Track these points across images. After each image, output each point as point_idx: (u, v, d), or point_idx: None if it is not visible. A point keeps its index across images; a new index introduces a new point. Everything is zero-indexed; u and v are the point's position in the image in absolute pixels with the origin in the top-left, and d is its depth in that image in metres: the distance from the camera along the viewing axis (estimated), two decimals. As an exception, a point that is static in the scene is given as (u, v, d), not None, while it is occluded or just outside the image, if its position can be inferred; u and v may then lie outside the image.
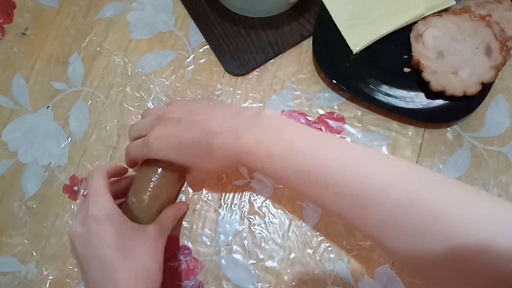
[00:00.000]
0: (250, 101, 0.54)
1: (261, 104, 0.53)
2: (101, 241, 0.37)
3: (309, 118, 0.53)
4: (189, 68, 0.55)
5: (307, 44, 0.55)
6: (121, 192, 0.46)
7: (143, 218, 0.45)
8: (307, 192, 0.35)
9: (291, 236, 0.49)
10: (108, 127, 0.54)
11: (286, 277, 0.48)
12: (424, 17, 0.51)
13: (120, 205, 0.42)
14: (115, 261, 0.36)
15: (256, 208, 0.50)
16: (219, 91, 0.54)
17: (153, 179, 0.45)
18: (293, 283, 0.48)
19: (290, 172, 0.34)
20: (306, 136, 0.35)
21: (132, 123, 0.47)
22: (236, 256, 0.49)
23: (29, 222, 0.51)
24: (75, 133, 0.54)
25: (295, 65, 0.54)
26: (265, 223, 0.50)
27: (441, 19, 0.50)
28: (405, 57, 0.52)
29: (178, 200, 0.50)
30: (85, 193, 0.41)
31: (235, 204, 0.50)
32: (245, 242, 0.49)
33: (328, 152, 0.34)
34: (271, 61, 0.55)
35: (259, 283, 0.48)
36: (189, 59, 0.55)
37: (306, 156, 0.33)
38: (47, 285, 0.49)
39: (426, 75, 0.49)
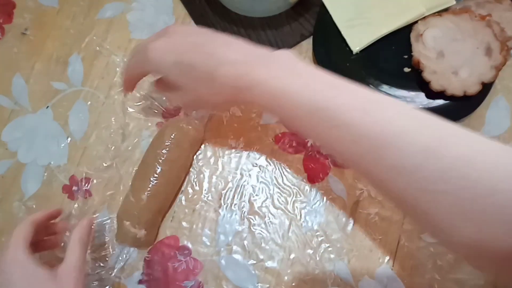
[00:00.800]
0: (250, 101, 0.54)
1: (261, 104, 0.53)
2: None
3: (309, 118, 0.53)
4: (189, 68, 0.55)
5: (307, 44, 0.55)
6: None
7: (140, 217, 0.45)
8: (320, 134, 0.32)
9: (291, 236, 0.49)
10: (108, 127, 0.54)
11: (286, 278, 0.48)
12: (424, 17, 0.51)
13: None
14: None
15: (256, 208, 0.50)
16: (219, 91, 0.54)
17: (151, 178, 0.45)
18: (293, 284, 0.47)
19: (304, 110, 0.31)
20: (324, 78, 0.32)
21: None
22: (236, 256, 0.49)
23: (28, 222, 0.51)
24: (74, 133, 0.54)
25: (295, 65, 0.54)
26: (265, 223, 0.49)
27: (441, 19, 0.50)
28: (405, 57, 0.52)
29: (178, 201, 0.50)
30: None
31: (235, 204, 0.50)
32: (245, 242, 0.49)
33: (348, 96, 0.31)
34: (271, 61, 0.55)
35: (259, 284, 0.48)
36: (189, 59, 0.55)
37: (324, 95, 0.31)
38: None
39: (426, 75, 0.49)
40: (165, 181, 0.45)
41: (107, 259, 0.49)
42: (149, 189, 0.44)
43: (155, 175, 0.45)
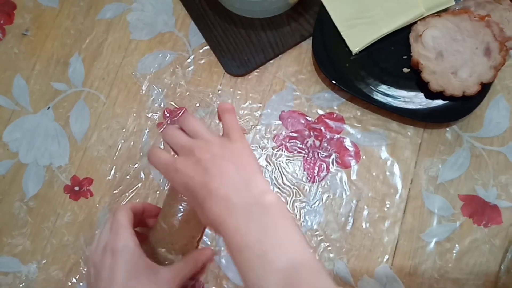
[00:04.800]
0: (250, 102, 0.54)
1: (261, 105, 0.54)
2: (112, 276, 0.38)
3: (309, 119, 0.53)
4: (189, 68, 0.55)
5: (307, 45, 0.55)
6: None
7: (175, 243, 0.45)
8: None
9: (291, 236, 0.49)
10: (108, 128, 0.54)
11: (286, 277, 0.48)
12: (423, 18, 0.52)
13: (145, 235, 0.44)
14: None
15: (256, 208, 0.50)
16: (219, 92, 0.54)
17: (182, 204, 0.44)
18: (293, 283, 0.48)
19: (248, 283, 0.32)
20: (287, 254, 0.32)
21: (174, 128, 0.40)
22: (236, 256, 0.49)
23: (30, 222, 0.51)
24: (75, 133, 0.54)
25: (294, 65, 0.55)
26: (265, 223, 0.50)
27: (441, 20, 0.50)
28: (405, 57, 0.52)
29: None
30: (107, 225, 0.41)
31: (235, 204, 0.50)
32: None
33: None
34: (271, 61, 0.55)
35: (259, 283, 0.48)
36: (189, 60, 0.55)
37: (270, 283, 0.31)
38: (48, 285, 0.49)
39: (426, 75, 0.49)
40: None
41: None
42: (180, 214, 0.44)
43: (185, 201, 0.44)
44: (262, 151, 0.52)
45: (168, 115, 0.54)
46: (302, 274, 0.31)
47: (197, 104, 0.54)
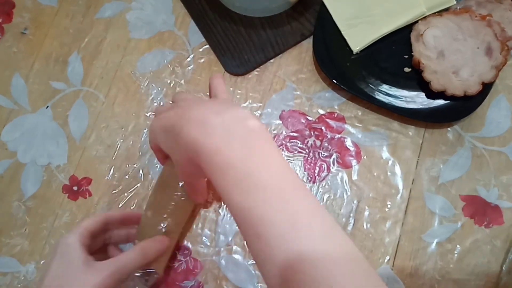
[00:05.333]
0: (250, 101, 0.53)
1: (261, 104, 0.53)
2: (46, 270, 0.37)
3: (309, 118, 0.52)
4: (189, 67, 0.55)
5: (307, 44, 0.55)
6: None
7: (158, 231, 0.44)
8: (240, 228, 0.31)
9: (291, 237, 0.49)
10: (107, 127, 0.53)
11: (286, 278, 0.48)
12: (424, 17, 0.51)
13: None
14: None
15: (256, 208, 0.50)
16: (219, 91, 0.54)
17: (176, 194, 0.44)
18: (293, 284, 0.47)
19: (232, 204, 0.30)
20: (273, 174, 0.30)
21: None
22: (236, 256, 0.48)
23: (28, 222, 0.51)
24: (74, 133, 0.53)
25: (295, 64, 0.54)
26: (265, 223, 0.49)
27: (442, 19, 0.50)
28: (406, 57, 0.52)
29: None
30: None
31: (235, 204, 0.50)
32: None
33: (278, 209, 0.29)
34: (271, 60, 0.55)
35: (259, 284, 0.47)
36: (188, 59, 0.55)
37: (255, 201, 0.29)
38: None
39: (427, 75, 0.49)
40: (182, 195, 0.45)
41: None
42: (172, 203, 0.44)
43: (174, 191, 0.44)
44: (262, 151, 0.52)
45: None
46: (288, 193, 0.30)
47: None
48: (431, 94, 0.50)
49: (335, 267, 0.27)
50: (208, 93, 0.53)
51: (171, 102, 0.42)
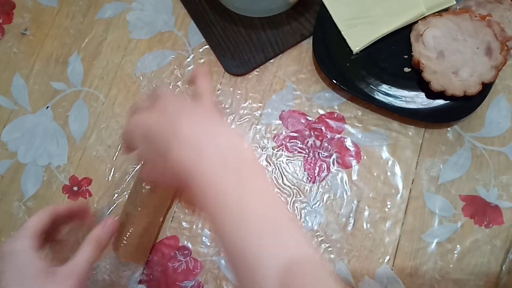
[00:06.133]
0: (250, 101, 0.53)
1: (261, 104, 0.53)
2: (0, 282, 0.34)
3: (309, 118, 0.52)
4: (189, 68, 0.55)
5: (307, 44, 0.55)
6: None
7: (133, 233, 0.45)
8: (229, 259, 0.30)
9: (291, 237, 0.49)
10: (107, 127, 0.54)
11: (286, 278, 0.48)
12: (424, 17, 0.51)
13: None
14: None
15: (256, 209, 0.50)
16: (219, 91, 0.54)
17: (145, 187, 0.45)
18: (293, 284, 0.47)
19: (224, 233, 0.30)
20: (267, 206, 0.30)
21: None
22: (236, 256, 0.49)
23: (28, 222, 0.51)
24: (74, 133, 0.53)
25: (295, 65, 0.54)
26: (265, 223, 0.49)
27: (442, 19, 0.50)
28: (406, 57, 0.52)
29: (178, 201, 0.50)
30: None
31: (235, 204, 0.50)
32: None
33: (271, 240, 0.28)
34: (271, 61, 0.55)
35: (259, 284, 0.48)
36: (188, 59, 0.55)
37: (249, 232, 0.29)
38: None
39: (427, 75, 0.49)
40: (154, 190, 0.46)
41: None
42: (140, 198, 0.45)
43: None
44: (262, 151, 0.52)
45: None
46: (282, 225, 0.29)
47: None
48: (431, 94, 0.50)
49: None
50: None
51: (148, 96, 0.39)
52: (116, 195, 0.51)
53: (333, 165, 0.51)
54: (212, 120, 0.33)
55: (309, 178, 0.51)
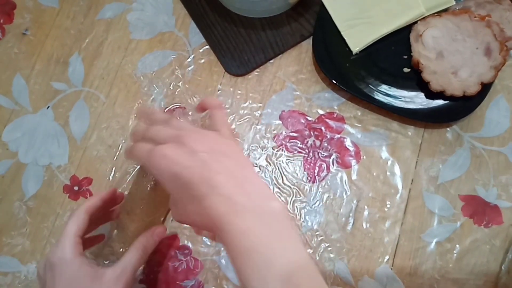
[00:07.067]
0: (250, 101, 0.54)
1: (261, 104, 0.53)
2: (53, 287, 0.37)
3: (309, 118, 0.53)
4: (189, 68, 0.55)
5: (307, 44, 0.55)
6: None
7: (134, 231, 0.45)
8: None
9: (291, 236, 0.49)
10: (108, 128, 0.54)
11: (286, 277, 0.48)
12: (424, 17, 0.52)
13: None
14: None
15: (256, 208, 0.50)
16: (219, 91, 0.54)
17: (145, 192, 0.45)
18: (293, 283, 0.48)
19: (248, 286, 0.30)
20: (294, 263, 0.31)
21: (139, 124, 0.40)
22: (236, 256, 0.49)
23: (29, 222, 0.51)
24: (75, 133, 0.54)
25: (295, 65, 0.54)
26: (265, 223, 0.49)
27: (441, 19, 0.50)
28: (405, 57, 0.52)
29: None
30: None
31: (235, 204, 0.50)
32: None
33: None
34: (271, 61, 0.55)
35: (259, 283, 0.48)
36: (189, 59, 0.55)
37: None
38: (47, 285, 0.49)
39: (426, 75, 0.49)
40: (156, 197, 0.46)
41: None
42: (141, 205, 0.45)
43: (148, 191, 0.45)
44: (262, 151, 0.52)
45: (168, 115, 0.54)
46: (301, 277, 0.30)
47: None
48: (430, 94, 0.50)
49: None
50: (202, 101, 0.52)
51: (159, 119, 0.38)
52: (116, 195, 0.51)
53: (333, 165, 0.51)
54: (239, 164, 0.34)
55: (309, 178, 0.51)
